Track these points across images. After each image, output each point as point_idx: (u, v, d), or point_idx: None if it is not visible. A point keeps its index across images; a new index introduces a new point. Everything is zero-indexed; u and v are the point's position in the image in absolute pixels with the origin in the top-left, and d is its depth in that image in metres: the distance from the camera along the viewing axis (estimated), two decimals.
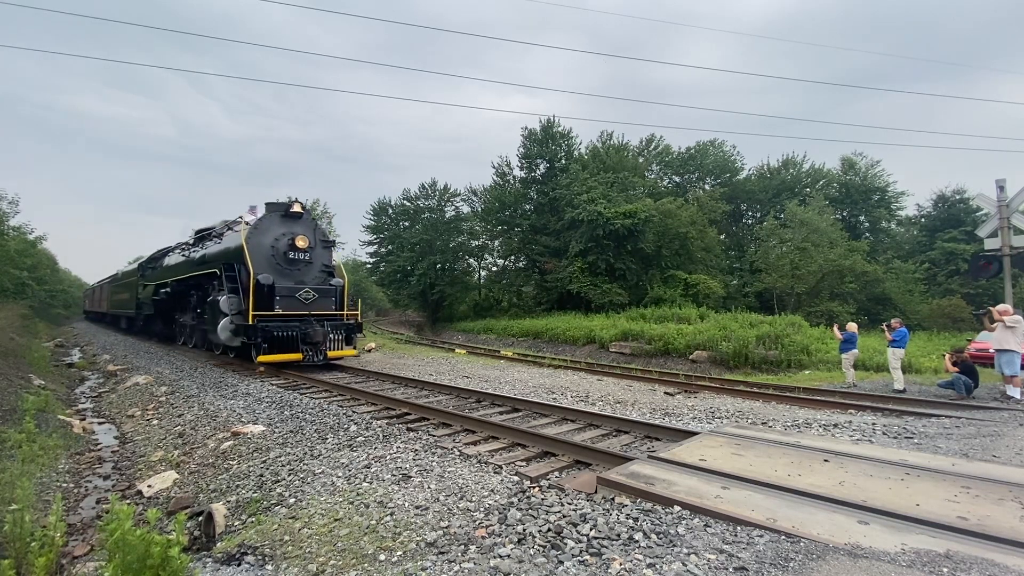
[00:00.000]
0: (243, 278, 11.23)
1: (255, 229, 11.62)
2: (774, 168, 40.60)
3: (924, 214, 36.42)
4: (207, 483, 5.24)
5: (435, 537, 3.35)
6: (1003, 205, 11.19)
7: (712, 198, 34.82)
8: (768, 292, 30.98)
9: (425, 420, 6.89)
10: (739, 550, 2.92)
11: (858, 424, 6.94)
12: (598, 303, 28.03)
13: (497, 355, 17.73)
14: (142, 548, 2.70)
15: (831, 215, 31.59)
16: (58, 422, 7.82)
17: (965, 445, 5.73)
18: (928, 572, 2.61)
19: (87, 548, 4.17)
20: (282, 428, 6.49)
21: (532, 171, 35.28)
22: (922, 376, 11.74)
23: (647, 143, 40.84)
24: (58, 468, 6.05)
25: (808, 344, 15.73)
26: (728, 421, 7.21)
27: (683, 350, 17.40)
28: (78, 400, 10.79)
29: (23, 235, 31.62)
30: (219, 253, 12.61)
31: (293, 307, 11.20)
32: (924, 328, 24.93)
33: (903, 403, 8.40)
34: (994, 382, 9.58)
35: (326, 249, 12.71)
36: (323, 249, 12.58)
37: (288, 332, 10.75)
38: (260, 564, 3.37)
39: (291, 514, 4.04)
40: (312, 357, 11.03)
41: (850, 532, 3.06)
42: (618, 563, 2.88)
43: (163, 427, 7.71)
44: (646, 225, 28.23)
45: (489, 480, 4.37)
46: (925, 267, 31.25)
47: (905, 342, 10.30)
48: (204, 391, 9.37)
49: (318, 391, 9.20)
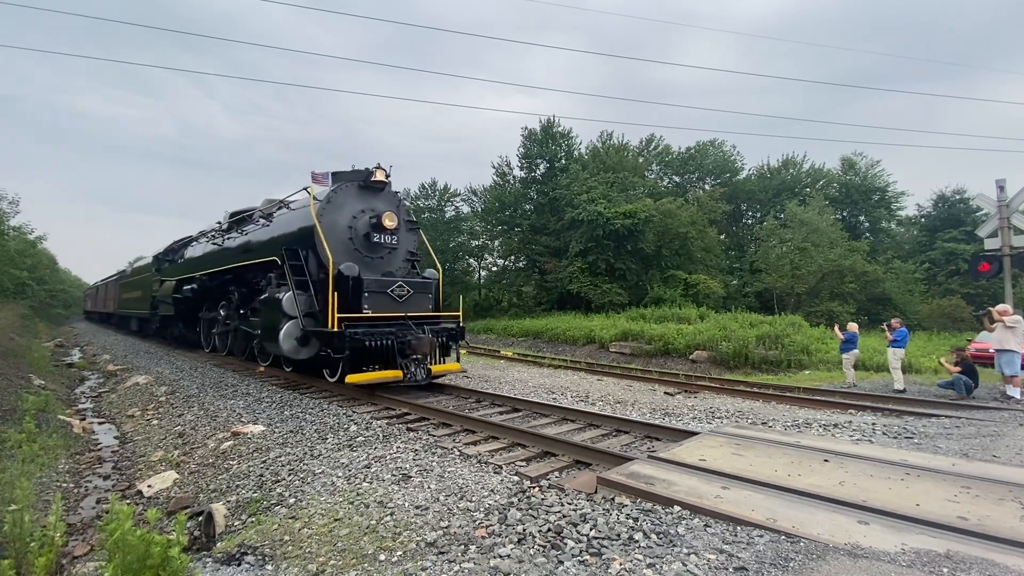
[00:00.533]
0: (312, 268, 8.80)
1: (328, 204, 8.84)
2: (774, 168, 40.60)
3: (924, 214, 36.42)
4: (207, 483, 5.24)
5: (435, 537, 3.35)
6: (1003, 205, 11.19)
7: (712, 198, 34.82)
8: (768, 292, 30.98)
9: (425, 420, 6.89)
10: (739, 550, 2.92)
11: (858, 424, 6.94)
12: (598, 303, 28.03)
13: (497, 355, 17.73)
14: (142, 548, 2.70)
15: (831, 215, 31.59)
16: (58, 422, 7.82)
17: (965, 445, 5.73)
18: (928, 572, 2.61)
19: (87, 548, 4.17)
20: (282, 428, 6.49)
21: (532, 171, 35.28)
22: (922, 376, 11.74)
23: (647, 143, 40.84)
24: (58, 468, 6.05)
25: (808, 344, 15.73)
26: (728, 421, 7.21)
27: (683, 350, 17.40)
28: (78, 400, 10.79)
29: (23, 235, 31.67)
30: (278, 237, 9.90)
31: (383, 307, 8.59)
32: (924, 328, 24.93)
33: (903, 403, 8.40)
34: (994, 382, 9.58)
35: (411, 232, 9.99)
36: (408, 232, 9.87)
37: (382, 341, 8.04)
38: (260, 564, 3.37)
39: (291, 514, 4.04)
40: (414, 375, 8.23)
41: (850, 532, 3.06)
42: (618, 563, 2.88)
43: (163, 427, 7.71)
44: (646, 225, 28.23)
45: (489, 480, 4.37)
46: (925, 267, 31.25)
47: (905, 342, 10.31)
48: (204, 391, 9.36)
49: (318, 391, 9.09)
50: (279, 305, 8.81)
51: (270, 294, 9.47)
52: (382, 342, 8.04)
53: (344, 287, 8.15)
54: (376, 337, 8.03)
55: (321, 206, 8.77)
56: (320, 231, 8.44)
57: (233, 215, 12.93)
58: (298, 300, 8.46)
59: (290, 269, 8.76)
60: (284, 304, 8.72)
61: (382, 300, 8.62)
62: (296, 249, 9.05)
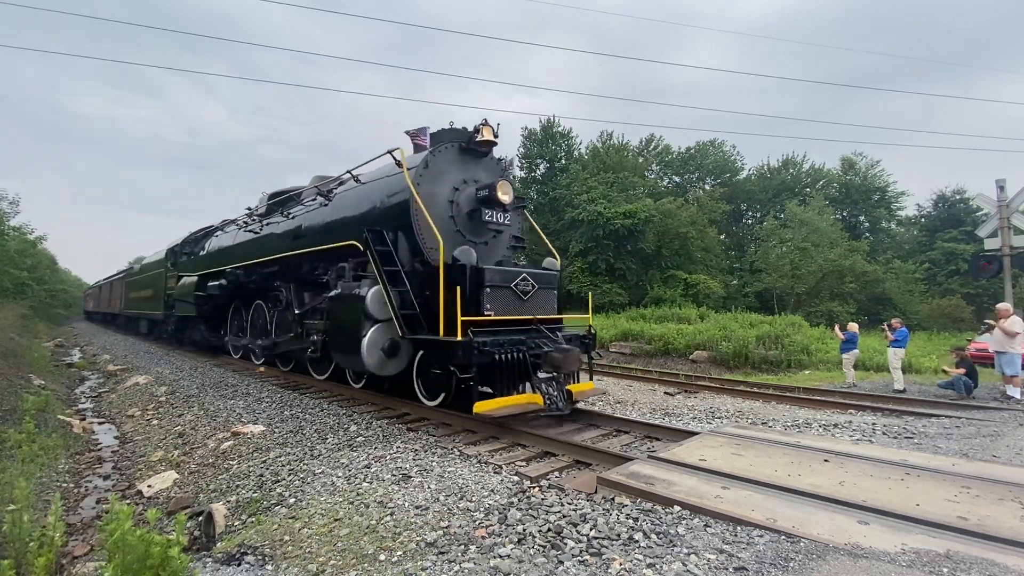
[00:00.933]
0: (402, 256, 6.93)
1: (426, 170, 6.93)
2: (774, 168, 40.66)
3: (924, 214, 36.47)
4: (207, 483, 5.24)
5: (435, 537, 3.35)
6: (1003, 205, 11.19)
7: (712, 198, 34.86)
8: (768, 292, 31.01)
9: (425, 420, 6.88)
10: (739, 550, 2.92)
11: (858, 424, 6.94)
12: (598, 303, 28.07)
13: None
14: (142, 548, 2.70)
15: (831, 215, 31.64)
16: (58, 422, 7.82)
17: (965, 445, 5.73)
18: (928, 572, 2.61)
19: (87, 548, 4.17)
20: (282, 428, 6.49)
21: (532, 171, 35.34)
22: (922, 376, 11.74)
23: (647, 143, 40.90)
24: (58, 468, 6.05)
25: (808, 344, 15.72)
26: (728, 421, 7.21)
27: (683, 350, 17.39)
28: (78, 400, 10.79)
29: (23, 235, 31.67)
30: (353, 217, 7.75)
31: (506, 307, 6.50)
32: (924, 328, 24.96)
33: (903, 403, 8.40)
34: (994, 382, 9.59)
35: (516, 211, 8.04)
36: (513, 211, 7.92)
37: (515, 354, 6.11)
38: (260, 564, 3.37)
39: (291, 514, 4.04)
40: (555, 401, 6.10)
41: (850, 532, 3.06)
42: (618, 563, 2.88)
43: (163, 427, 7.71)
44: (646, 225, 28.26)
45: (489, 480, 4.37)
46: (925, 267, 31.28)
47: (906, 342, 10.31)
48: (204, 391, 9.36)
49: (318, 391, 9.02)
50: (361, 304, 6.70)
51: (344, 289, 7.33)
52: (515, 355, 6.08)
53: (459, 280, 6.07)
54: (507, 348, 6.07)
55: (417, 172, 6.81)
56: (421, 205, 6.55)
57: (273, 196, 10.89)
58: (388, 297, 6.46)
59: (378, 257, 6.66)
60: (369, 303, 6.65)
61: (504, 298, 6.48)
62: (380, 231, 6.97)
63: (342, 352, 7.39)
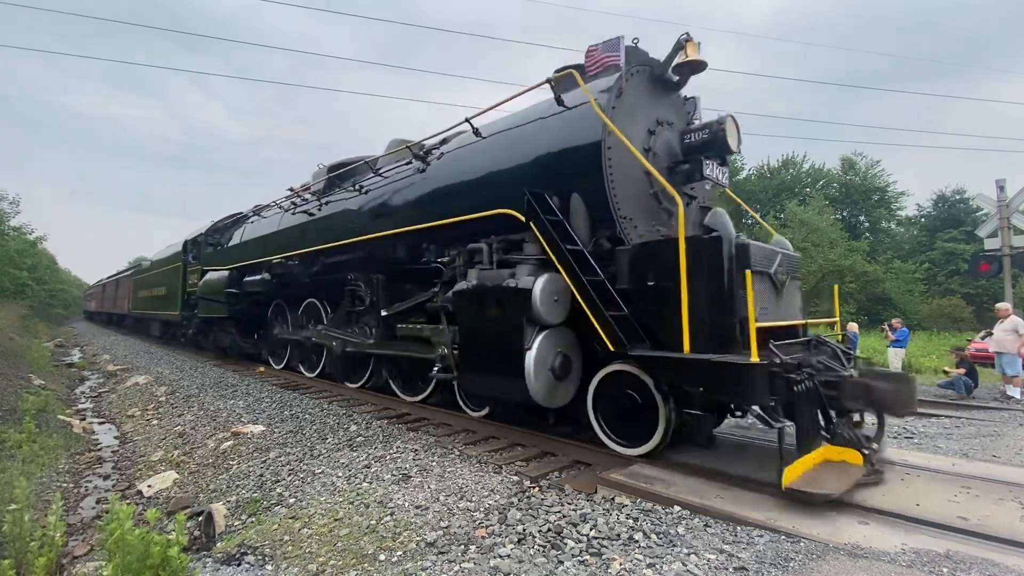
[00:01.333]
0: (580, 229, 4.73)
1: (618, 100, 4.81)
2: (774, 168, 40.65)
3: (924, 214, 36.51)
4: (207, 483, 5.24)
5: (435, 537, 3.35)
6: (1003, 205, 11.20)
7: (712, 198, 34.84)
8: None
9: (425, 420, 6.88)
10: (739, 550, 2.92)
11: None
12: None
13: None
14: (142, 548, 2.70)
15: (831, 215, 31.64)
16: (58, 422, 7.82)
17: (965, 445, 5.73)
18: (928, 572, 2.61)
19: (87, 548, 4.17)
20: (282, 428, 6.49)
21: None
22: (922, 376, 11.73)
23: None
24: (58, 468, 6.06)
25: None
26: (728, 421, 7.19)
27: None
28: (78, 400, 10.80)
29: (23, 235, 31.71)
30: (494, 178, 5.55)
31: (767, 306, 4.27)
32: (924, 328, 24.98)
33: None
34: (994, 382, 9.59)
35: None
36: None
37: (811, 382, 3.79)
38: (260, 564, 3.37)
39: (291, 514, 4.04)
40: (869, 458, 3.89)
41: (850, 532, 3.06)
42: (618, 563, 2.88)
43: (163, 427, 7.71)
44: None
45: (489, 480, 4.37)
46: (925, 267, 31.30)
47: (906, 342, 10.33)
48: (204, 391, 9.36)
49: (318, 391, 9.03)
50: (524, 302, 4.51)
51: (487, 280, 5.05)
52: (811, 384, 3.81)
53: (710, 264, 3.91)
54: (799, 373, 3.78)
55: (609, 102, 4.70)
56: (627, 144, 4.43)
57: (333, 168, 8.85)
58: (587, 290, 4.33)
59: (551, 228, 4.58)
60: (538, 299, 4.45)
61: (762, 294, 4.19)
62: (543, 194, 4.81)
63: (486, 373, 5.11)
